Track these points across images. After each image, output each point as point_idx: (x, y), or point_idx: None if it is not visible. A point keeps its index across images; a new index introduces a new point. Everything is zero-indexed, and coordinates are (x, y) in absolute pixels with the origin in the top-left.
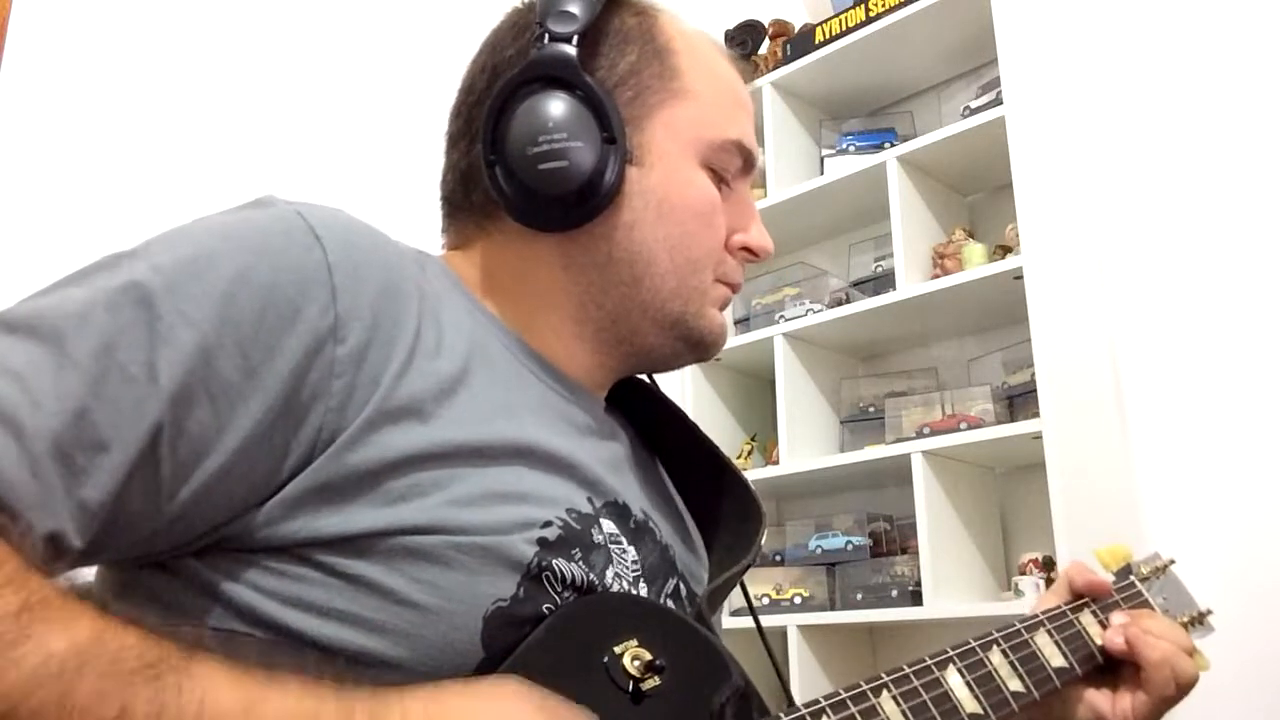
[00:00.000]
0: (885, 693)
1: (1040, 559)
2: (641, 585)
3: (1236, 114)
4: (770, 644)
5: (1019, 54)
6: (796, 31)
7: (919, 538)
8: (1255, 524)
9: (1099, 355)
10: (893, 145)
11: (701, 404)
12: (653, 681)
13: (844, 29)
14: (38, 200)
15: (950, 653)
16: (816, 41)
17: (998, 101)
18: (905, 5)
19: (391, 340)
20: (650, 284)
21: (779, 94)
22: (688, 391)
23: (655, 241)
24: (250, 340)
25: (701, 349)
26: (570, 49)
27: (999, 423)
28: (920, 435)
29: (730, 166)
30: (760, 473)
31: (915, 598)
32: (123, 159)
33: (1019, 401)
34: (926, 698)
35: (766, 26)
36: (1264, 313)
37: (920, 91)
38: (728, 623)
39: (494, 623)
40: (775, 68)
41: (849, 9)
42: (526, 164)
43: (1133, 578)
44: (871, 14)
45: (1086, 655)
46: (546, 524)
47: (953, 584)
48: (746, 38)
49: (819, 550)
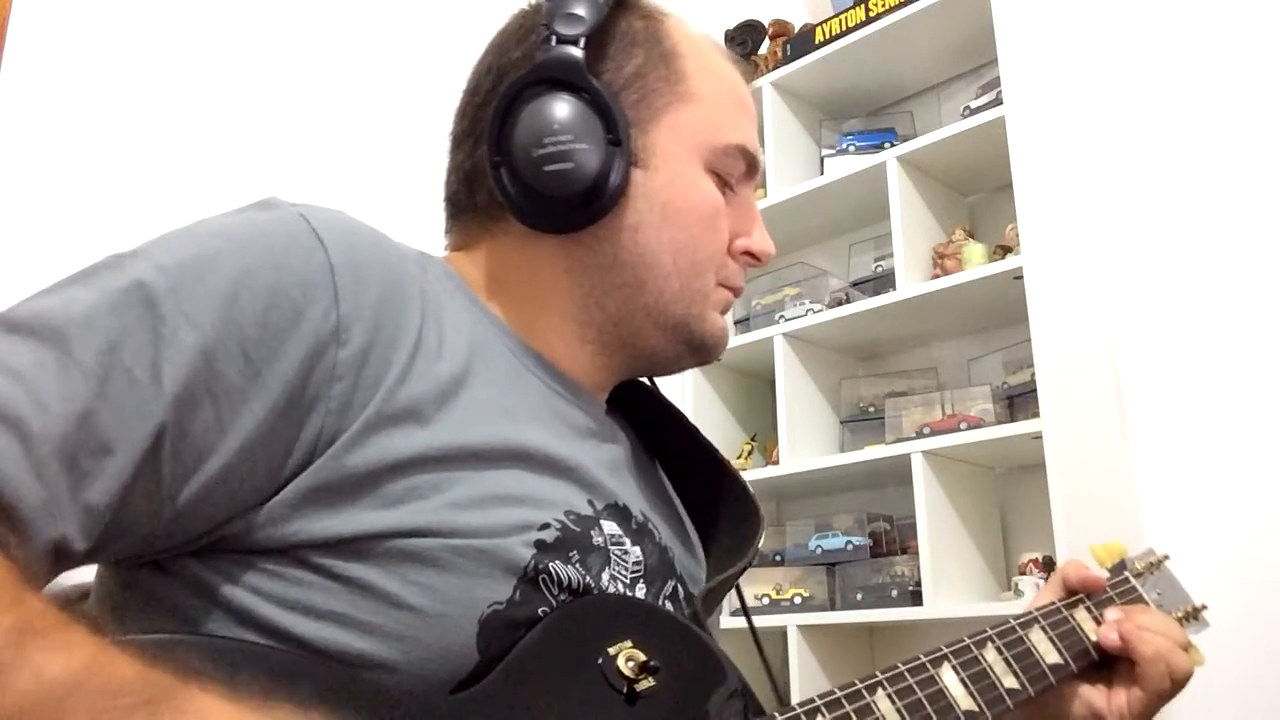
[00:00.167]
0: (880, 691)
1: (1040, 559)
2: (640, 587)
3: (1236, 114)
4: (770, 644)
5: (1019, 54)
6: (796, 31)
7: (919, 538)
8: (1255, 524)
9: (1099, 355)
10: (893, 145)
11: (701, 404)
12: (647, 682)
13: (844, 29)
14: (38, 200)
15: (945, 650)
16: (816, 41)
17: (998, 101)
18: (905, 5)
19: (393, 343)
20: (654, 287)
21: (779, 94)
22: (688, 392)
23: (659, 244)
24: (253, 342)
25: (703, 352)
26: (577, 51)
27: (999, 423)
28: (920, 435)
29: (734, 170)
30: (760, 473)
31: (915, 598)
32: (123, 159)
33: (1019, 401)
34: (921, 695)
35: (766, 26)
36: (1264, 313)
37: (920, 91)
38: (726, 623)
39: (490, 625)
40: (775, 68)
41: (849, 9)
42: (532, 165)
43: (1127, 574)
44: (871, 14)
45: (1081, 651)
46: (544, 526)
47: (953, 584)
48: (746, 38)
49: (819, 550)
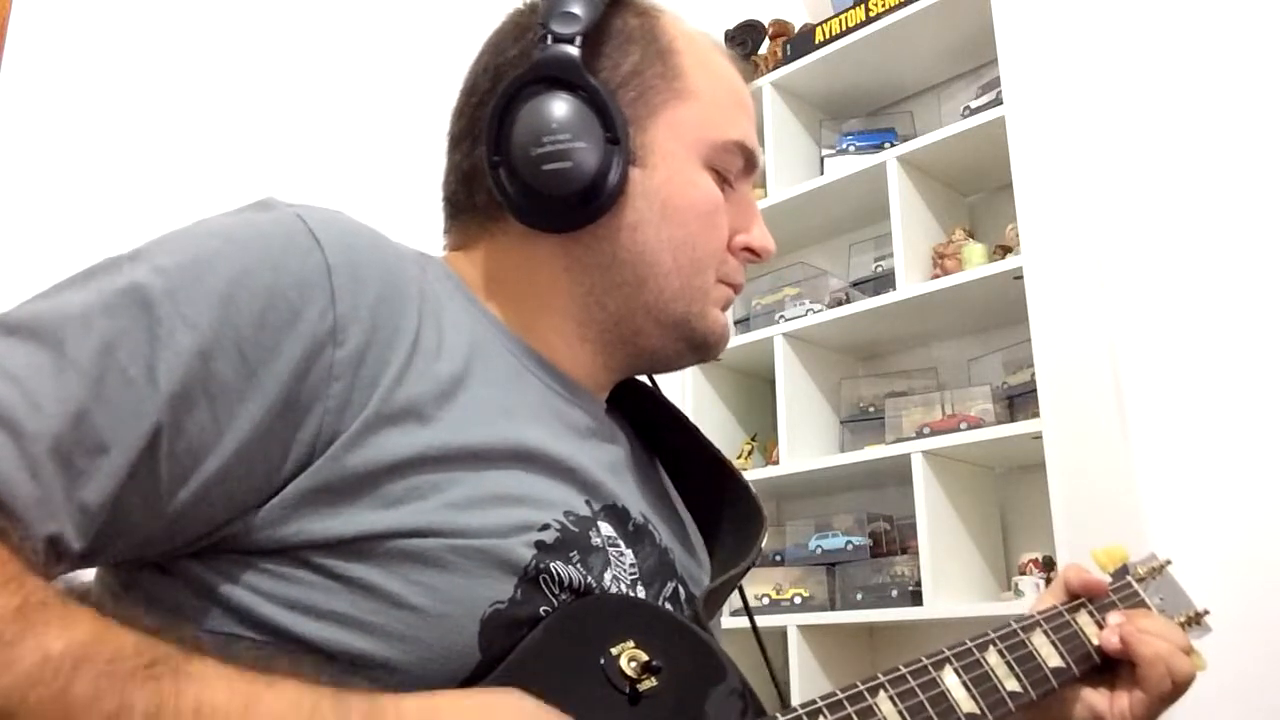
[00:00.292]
0: (882, 693)
1: (1040, 559)
2: (639, 588)
3: (1236, 114)
4: (770, 644)
5: (1019, 54)
6: (796, 31)
7: (919, 538)
8: (1255, 524)
9: (1099, 355)
10: (893, 145)
11: (701, 404)
12: (649, 682)
13: (844, 29)
14: (38, 200)
15: (947, 653)
16: (816, 41)
17: (998, 101)
18: (905, 5)
19: (390, 343)
20: (654, 285)
21: (779, 94)
22: (688, 391)
23: (659, 242)
24: (249, 342)
25: (704, 350)
26: (573, 50)
27: (999, 423)
28: (920, 435)
29: (732, 167)
30: (760, 473)
31: (915, 598)
32: (123, 159)
33: (1019, 401)
34: (923, 698)
35: (766, 26)
36: (1264, 313)
37: (920, 91)
38: (727, 623)
39: (491, 625)
40: (775, 68)
41: (849, 9)
42: (530, 165)
43: (1129, 578)
44: (871, 14)
45: (1083, 655)
46: (544, 527)
47: (953, 584)
48: (746, 38)
49: (819, 550)
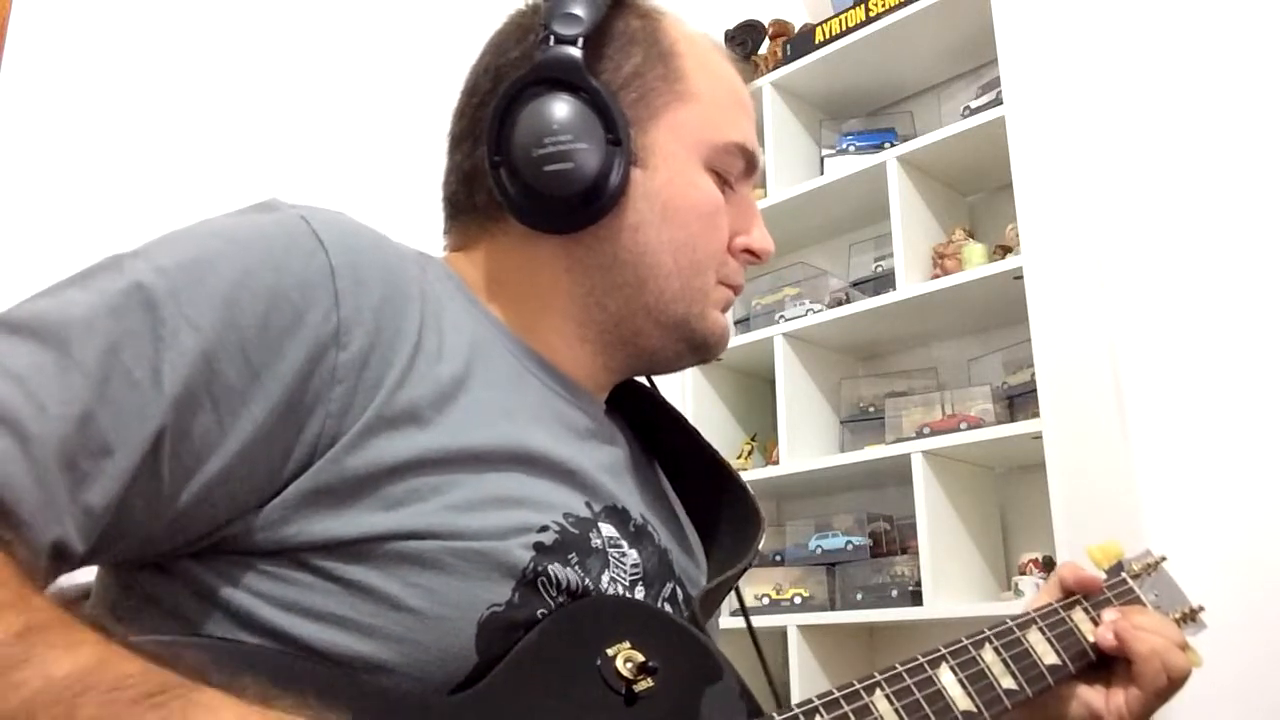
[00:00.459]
0: (878, 691)
1: (1040, 559)
2: (639, 589)
3: (1236, 114)
4: (770, 644)
5: (1019, 54)
6: (796, 31)
7: (919, 538)
8: (1255, 524)
9: (1099, 355)
10: (893, 145)
11: (701, 404)
12: (646, 683)
13: (844, 29)
14: (38, 200)
15: (943, 651)
16: (816, 41)
17: (998, 101)
18: (905, 5)
19: (393, 345)
20: (654, 286)
21: (779, 94)
22: (688, 391)
23: (660, 243)
24: (253, 344)
25: (704, 350)
26: (575, 51)
27: (999, 423)
28: (920, 435)
29: (733, 169)
30: (760, 473)
31: (915, 598)
32: (123, 159)
33: (1019, 401)
34: (920, 696)
35: (766, 26)
36: (1264, 313)
37: (920, 91)
38: (726, 623)
39: (488, 628)
40: (775, 68)
41: (849, 9)
42: (531, 165)
43: (1124, 575)
44: (871, 14)
45: (1079, 652)
46: (543, 529)
47: (953, 584)
48: (746, 38)
49: (819, 550)
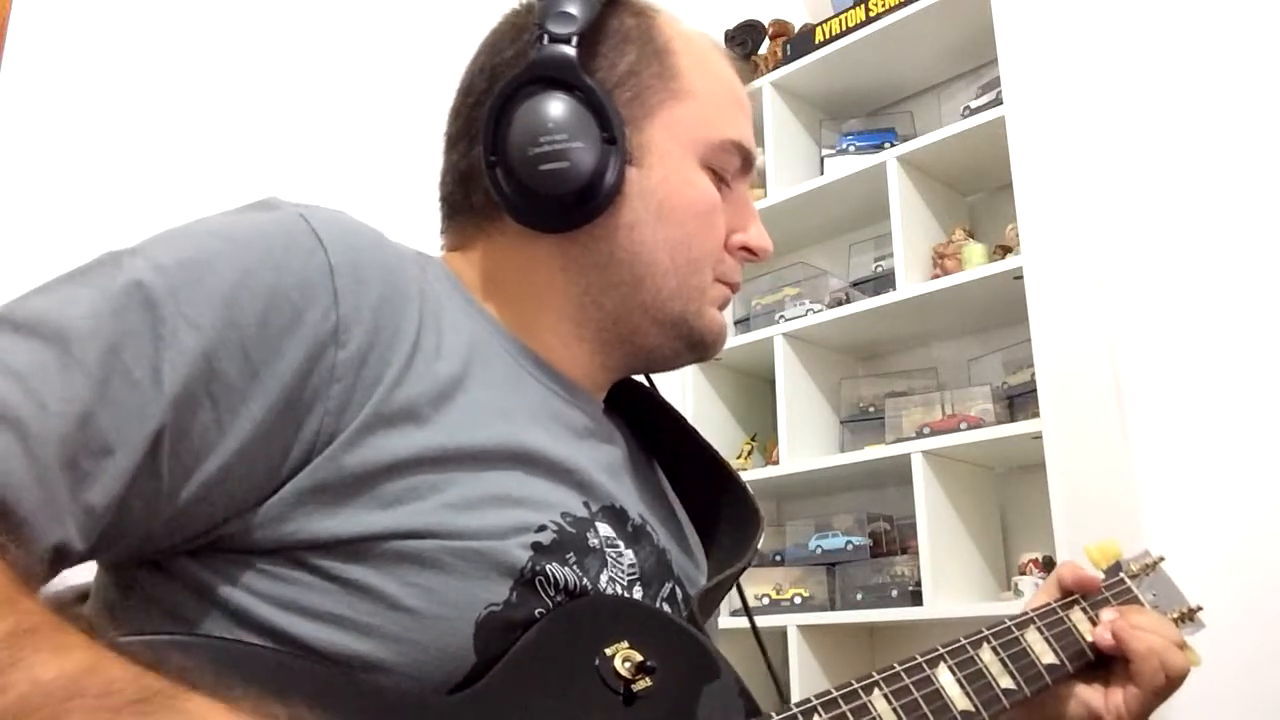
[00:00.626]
0: (877, 691)
1: (1040, 559)
2: (637, 589)
3: (1236, 114)
4: (769, 644)
5: (1019, 54)
6: (796, 31)
7: (919, 538)
8: (1255, 524)
9: (1099, 355)
10: (893, 145)
11: (701, 404)
12: (644, 683)
13: (844, 29)
14: (38, 200)
15: (941, 650)
16: (816, 41)
17: (998, 101)
18: (905, 5)
19: (392, 344)
20: (651, 284)
21: (779, 94)
22: (688, 391)
23: (656, 242)
24: (252, 343)
25: (702, 349)
26: (570, 50)
27: (999, 423)
28: (920, 435)
29: (729, 166)
30: (760, 473)
31: (915, 598)
32: (123, 159)
33: (1019, 401)
34: (918, 695)
35: (766, 26)
36: (1264, 313)
37: (920, 91)
38: (726, 623)
39: (486, 627)
40: (775, 68)
41: (849, 9)
42: (527, 165)
43: (1122, 574)
44: (871, 14)
45: (1077, 652)
46: (541, 528)
47: (953, 584)
48: (746, 38)
49: (819, 550)
